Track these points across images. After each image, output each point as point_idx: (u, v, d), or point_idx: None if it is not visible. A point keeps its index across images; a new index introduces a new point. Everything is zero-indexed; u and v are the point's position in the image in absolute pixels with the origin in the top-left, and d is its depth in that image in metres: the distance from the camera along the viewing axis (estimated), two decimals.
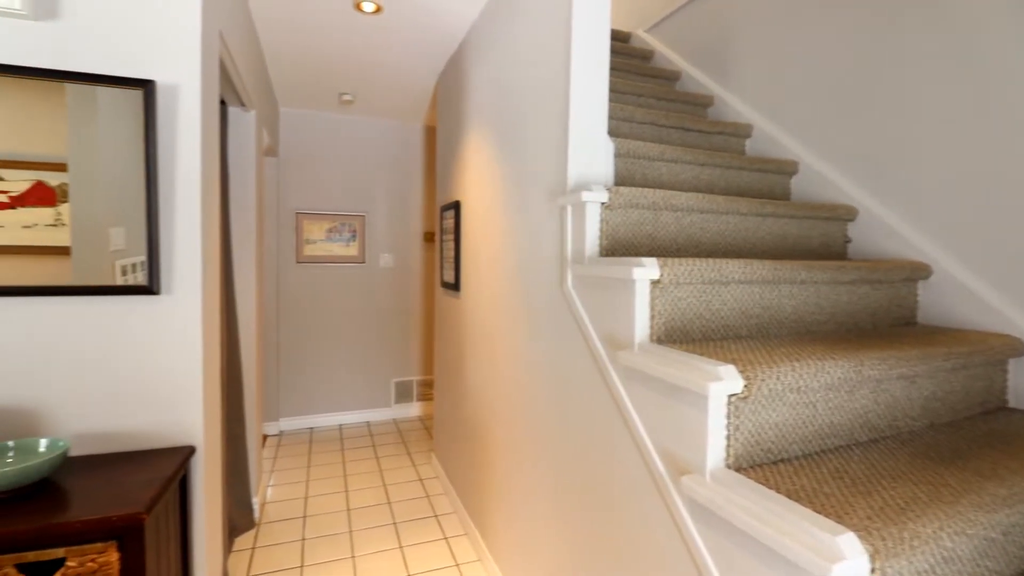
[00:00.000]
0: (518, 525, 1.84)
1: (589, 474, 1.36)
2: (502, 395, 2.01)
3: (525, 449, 1.78)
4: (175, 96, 1.40)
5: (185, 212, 1.40)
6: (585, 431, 1.39)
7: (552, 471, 1.58)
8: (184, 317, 1.38)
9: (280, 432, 3.79)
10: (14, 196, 1.28)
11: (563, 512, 1.51)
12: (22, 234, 1.28)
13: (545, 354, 1.64)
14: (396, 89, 3.42)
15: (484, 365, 2.23)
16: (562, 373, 1.52)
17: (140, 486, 1.12)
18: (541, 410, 1.66)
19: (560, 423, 1.53)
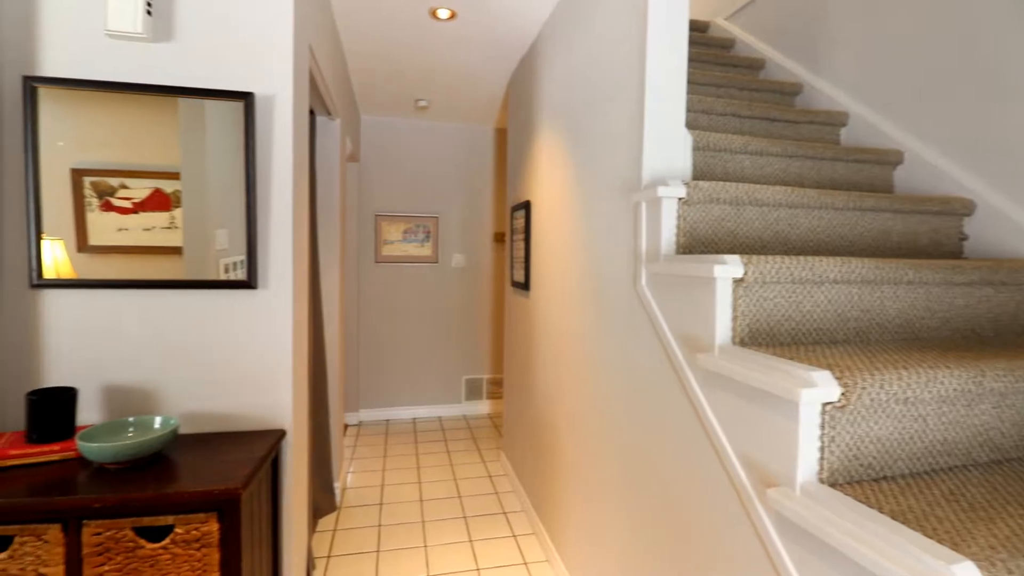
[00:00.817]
0: (587, 527, 1.82)
1: (662, 479, 1.31)
2: (570, 395, 1.99)
3: (594, 450, 1.75)
4: (271, 107, 1.51)
5: (279, 214, 1.51)
6: (658, 434, 1.34)
7: (623, 474, 1.54)
8: (277, 310, 1.50)
9: (359, 422, 4.01)
10: (136, 202, 1.43)
11: (634, 516, 1.46)
12: (143, 236, 1.44)
13: (616, 355, 1.60)
14: (468, 93, 3.49)
15: (553, 364, 2.22)
16: (634, 374, 1.48)
17: (237, 464, 1.22)
18: (611, 411, 1.62)
19: (631, 425, 1.49)
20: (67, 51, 1.40)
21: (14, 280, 1.39)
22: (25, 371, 1.39)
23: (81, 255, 1.41)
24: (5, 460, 1.19)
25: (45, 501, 1.05)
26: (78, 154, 1.38)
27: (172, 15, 1.45)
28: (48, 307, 1.40)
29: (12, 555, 1.05)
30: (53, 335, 1.40)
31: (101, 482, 1.13)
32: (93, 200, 1.41)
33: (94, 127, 1.40)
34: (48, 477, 1.15)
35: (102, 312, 1.43)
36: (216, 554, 1.12)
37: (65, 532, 1.06)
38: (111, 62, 1.43)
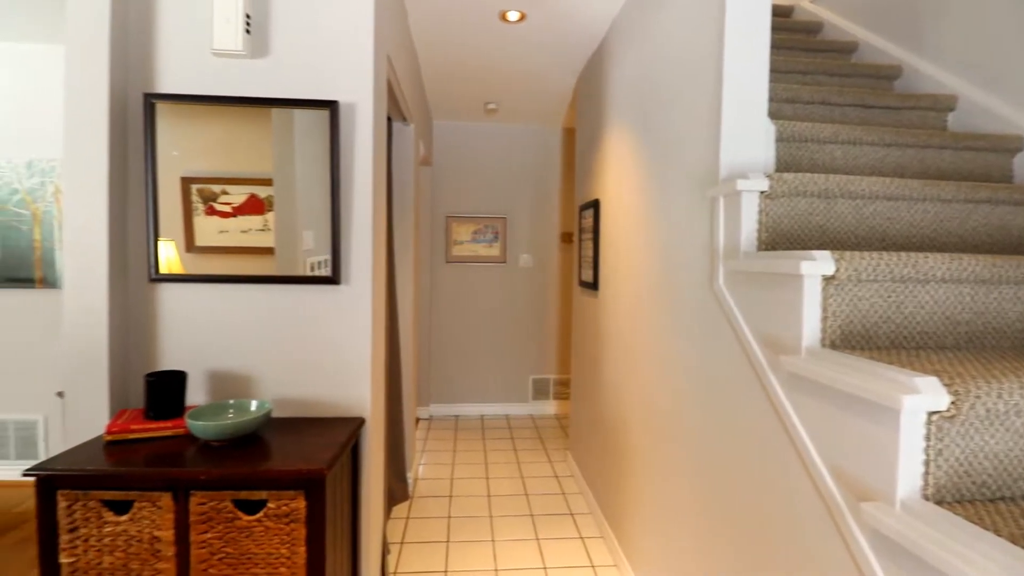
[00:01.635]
0: (658, 534, 1.76)
1: (741, 487, 1.25)
2: (641, 397, 1.94)
3: (666, 455, 1.70)
4: (353, 114, 1.60)
5: (360, 214, 1.60)
6: (736, 439, 1.27)
7: (697, 480, 1.48)
8: (358, 304, 1.58)
9: (430, 416, 4.14)
10: (235, 207, 1.57)
11: (710, 525, 1.40)
12: (240, 237, 1.57)
13: (690, 356, 1.54)
14: (537, 94, 3.51)
15: (622, 365, 2.17)
16: (710, 376, 1.42)
17: (321, 447, 1.31)
18: (685, 415, 1.57)
19: (706, 429, 1.43)
20: (179, 70, 1.57)
21: (137, 275, 1.57)
22: (145, 356, 1.57)
23: (188, 255, 1.56)
24: (128, 433, 1.35)
25: (160, 472, 1.18)
26: (186, 164, 1.54)
27: (267, 33, 1.58)
28: (163, 299, 1.57)
29: (132, 517, 1.19)
30: (167, 324, 1.57)
31: (206, 457, 1.25)
32: (199, 205, 1.55)
33: (200, 139, 1.55)
34: (162, 450, 1.29)
35: (207, 304, 1.58)
36: (303, 530, 1.20)
37: (175, 500, 1.19)
38: (216, 78, 1.58)
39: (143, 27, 1.56)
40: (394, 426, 2.43)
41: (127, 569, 1.19)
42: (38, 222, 2.77)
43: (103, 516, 1.19)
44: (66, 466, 1.18)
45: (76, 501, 1.18)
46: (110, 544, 1.19)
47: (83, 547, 1.19)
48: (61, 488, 1.18)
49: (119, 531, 1.19)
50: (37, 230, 2.77)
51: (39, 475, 1.17)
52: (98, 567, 1.19)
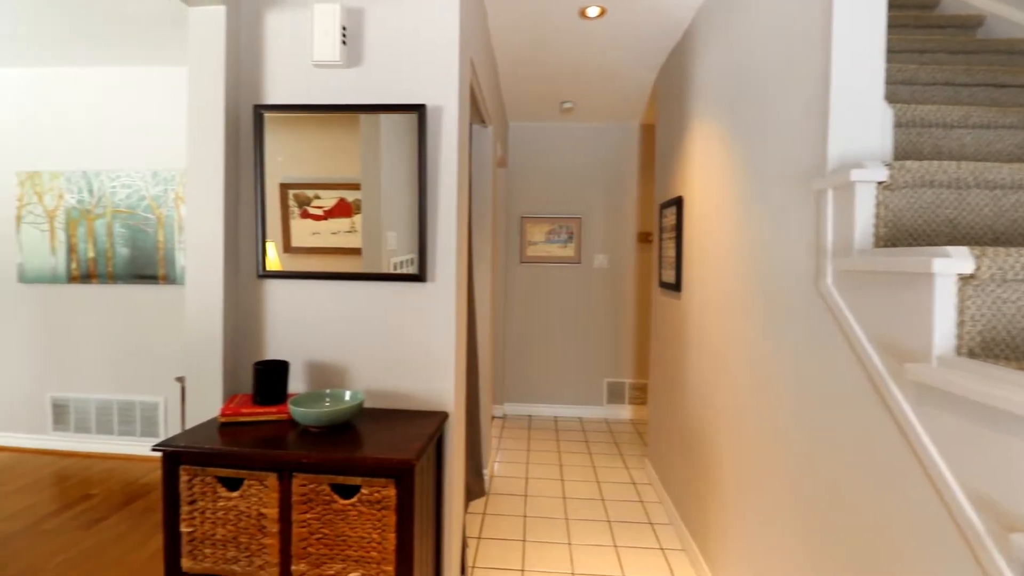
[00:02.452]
0: (749, 554, 1.65)
1: (851, 509, 1.14)
2: (730, 405, 1.83)
3: (759, 469, 1.59)
4: (439, 117, 1.65)
5: (445, 213, 1.64)
6: (845, 455, 1.16)
7: (796, 499, 1.37)
8: (442, 301, 1.62)
9: (504, 415, 4.18)
10: (326, 210, 1.66)
11: (811, 550, 1.29)
12: (331, 239, 1.66)
13: (789, 362, 1.43)
14: (614, 91, 3.44)
15: (708, 372, 2.06)
16: (813, 384, 1.31)
17: (410, 438, 1.35)
18: (782, 426, 1.46)
19: (809, 442, 1.32)
20: (283, 82, 1.69)
21: (246, 272, 1.71)
22: (252, 346, 1.71)
23: (286, 255, 1.68)
24: (239, 416, 1.47)
25: (267, 453, 1.27)
26: (284, 171, 1.66)
27: (361, 43, 1.66)
28: (268, 294, 1.70)
29: (242, 494, 1.29)
30: (271, 317, 1.70)
31: (306, 442, 1.33)
32: (295, 209, 1.67)
33: (296, 148, 1.66)
34: (268, 433, 1.39)
35: (306, 300, 1.69)
36: (393, 517, 1.24)
37: (280, 481, 1.28)
38: (316, 88, 1.68)
39: (253, 44, 1.70)
40: (472, 422, 2.47)
41: (237, 542, 1.29)
42: (162, 225, 3.11)
43: (217, 491, 1.30)
44: (188, 443, 1.31)
45: (195, 476, 1.30)
46: (223, 517, 1.30)
47: (200, 519, 1.31)
48: (183, 464, 1.31)
49: (231, 506, 1.29)
50: (161, 232, 3.12)
51: (165, 450, 1.30)
52: (212, 538, 1.30)
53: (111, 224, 3.13)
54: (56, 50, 2.90)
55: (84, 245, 3.15)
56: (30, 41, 2.78)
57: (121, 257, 3.14)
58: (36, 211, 3.17)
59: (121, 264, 3.14)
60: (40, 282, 3.20)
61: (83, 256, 3.15)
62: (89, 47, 2.85)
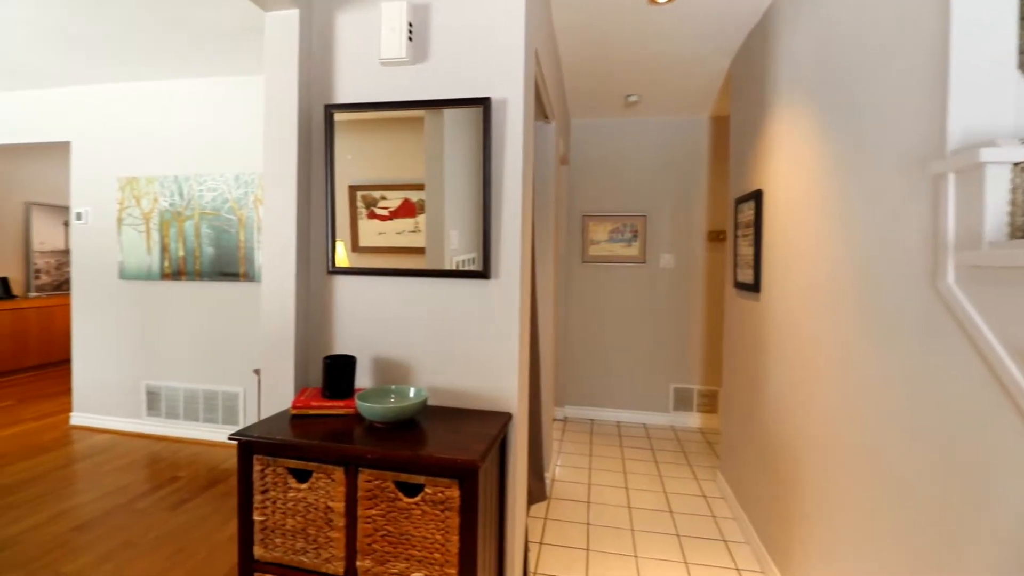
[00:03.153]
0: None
1: (978, 544, 0.97)
2: (821, 419, 1.66)
3: (856, 487, 1.42)
4: (504, 110, 1.61)
5: (510, 209, 1.60)
6: (970, 482, 1.00)
7: (902, 526, 1.20)
8: (506, 299, 1.58)
9: (565, 418, 4.10)
10: (391, 211, 1.68)
11: None
12: (395, 238, 1.68)
13: (897, 371, 1.26)
14: (682, 82, 3.27)
15: (792, 379, 1.89)
16: (929, 397, 1.14)
17: (473, 438, 1.31)
18: (886, 441, 1.29)
19: (920, 460, 1.15)
20: (352, 82, 1.72)
21: (317, 269, 1.76)
22: (321, 340, 1.74)
23: (354, 254, 1.71)
24: (309, 409, 1.50)
25: (335, 447, 1.28)
26: (353, 173, 1.70)
27: (427, 38, 1.66)
28: (337, 290, 1.73)
29: (311, 486, 1.31)
30: (340, 312, 1.73)
31: (371, 437, 1.32)
32: (362, 210, 1.70)
33: (364, 151, 1.69)
34: (335, 427, 1.40)
35: (373, 296, 1.70)
36: (456, 518, 1.21)
37: (347, 475, 1.28)
38: (383, 86, 1.70)
39: (324, 46, 1.74)
40: (535, 424, 2.42)
41: (305, 533, 1.31)
42: (242, 226, 3.30)
43: (288, 482, 1.32)
44: (261, 434, 1.34)
45: (267, 466, 1.33)
46: (292, 508, 1.32)
47: (271, 508, 1.34)
48: (257, 453, 1.34)
49: (300, 497, 1.31)
50: (242, 232, 3.31)
51: (240, 440, 1.34)
52: (282, 528, 1.33)
53: (198, 225, 3.36)
54: (150, 65, 3.15)
55: (175, 245, 3.40)
56: (126, 57, 3.03)
57: (207, 256, 3.36)
58: (134, 214, 3.46)
59: (207, 262, 3.36)
60: (137, 279, 3.49)
61: (174, 255, 3.41)
62: (178, 61, 3.07)
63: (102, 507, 2.48)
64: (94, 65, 3.15)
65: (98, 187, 3.55)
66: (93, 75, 3.35)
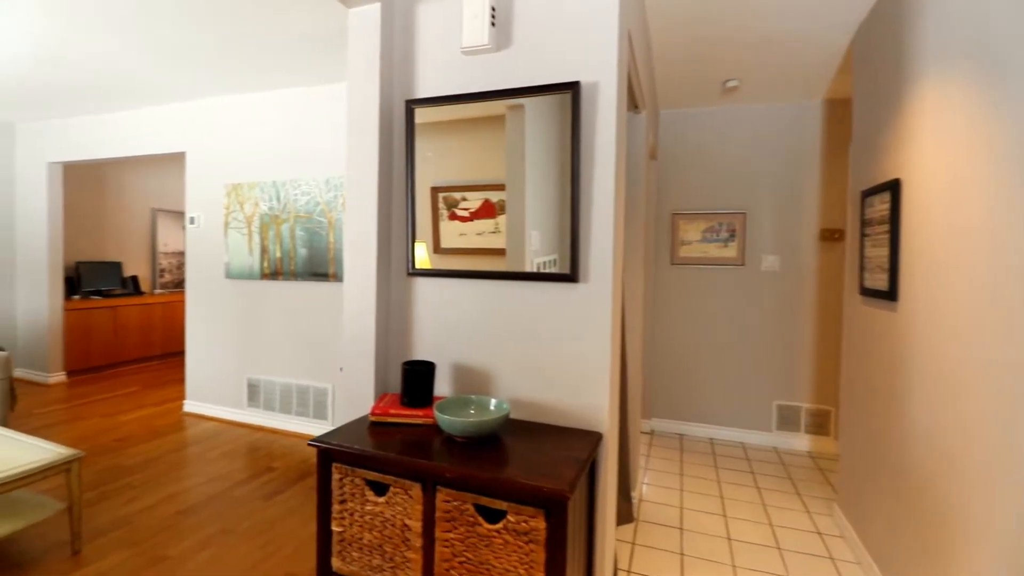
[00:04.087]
0: None
1: None
2: (990, 456, 1.33)
3: None
4: (595, 95, 1.45)
5: (600, 206, 1.44)
6: None
7: None
8: (597, 305, 1.43)
9: (651, 431, 3.84)
10: (472, 212, 1.62)
11: None
12: (476, 239, 1.62)
13: None
14: (791, 63, 2.91)
15: (948, 405, 1.55)
16: None
17: (561, 462, 1.17)
18: None
19: None
20: (434, 74, 1.65)
21: (397, 271, 1.71)
22: (401, 344, 1.69)
23: (436, 255, 1.67)
24: (387, 416, 1.44)
25: (411, 461, 1.20)
26: (435, 175, 1.66)
27: (510, 23, 1.54)
28: (417, 292, 1.67)
29: (388, 501, 1.24)
30: (419, 315, 1.67)
31: (450, 452, 1.23)
32: (444, 211, 1.65)
33: (445, 152, 1.65)
34: (413, 437, 1.33)
35: (452, 299, 1.62)
36: (541, 553, 1.08)
37: (424, 492, 1.19)
38: (464, 78, 1.61)
39: (405, 39, 1.69)
40: (621, 437, 2.23)
41: (382, 550, 1.24)
42: (332, 228, 3.41)
43: (366, 494, 1.26)
44: (340, 442, 1.30)
45: (346, 476, 1.28)
46: (370, 522, 1.26)
47: (349, 520, 1.28)
48: (336, 461, 1.30)
49: (377, 511, 1.25)
50: (331, 234, 3.42)
51: (319, 447, 1.30)
52: (359, 541, 1.27)
53: (293, 227, 3.53)
54: (249, 79, 3.34)
55: (273, 246, 3.59)
56: (229, 73, 3.23)
57: (301, 257, 3.51)
58: (238, 217, 3.70)
59: (300, 263, 3.51)
60: (240, 278, 3.73)
61: (272, 256, 3.60)
62: (274, 72, 3.22)
63: (205, 493, 2.63)
64: (202, 81, 3.41)
65: (208, 193, 3.84)
66: (203, 90, 3.62)
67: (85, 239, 5.30)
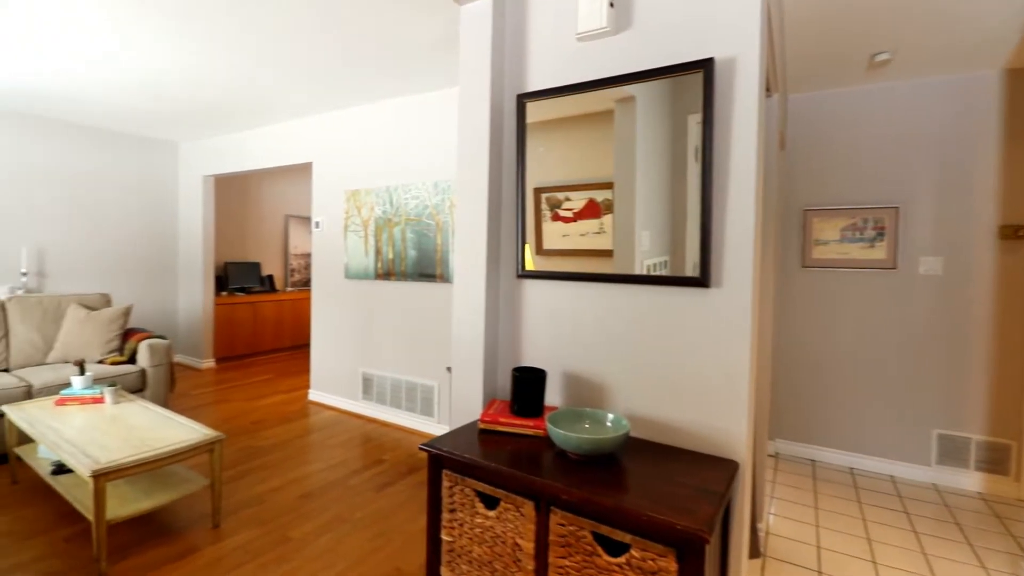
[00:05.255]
0: None
1: None
2: None
3: None
4: (730, 74, 1.27)
5: (738, 201, 1.26)
6: None
7: None
8: (733, 315, 1.25)
9: (776, 453, 3.44)
10: (575, 212, 1.54)
11: None
12: (579, 240, 1.54)
13: None
14: (961, 27, 2.41)
15: None
16: None
17: (693, 494, 1.03)
18: None
19: None
20: (547, 64, 1.57)
21: (506, 273, 1.65)
22: (509, 348, 1.63)
23: (539, 257, 1.62)
24: (498, 425, 1.38)
25: (524, 477, 1.12)
26: (538, 176, 1.61)
27: (630, 1, 1.41)
28: (526, 296, 1.60)
29: (499, 516, 1.17)
30: (528, 319, 1.59)
31: (564, 470, 1.13)
32: (547, 212, 1.59)
33: (549, 153, 1.59)
34: (524, 449, 1.25)
35: (564, 303, 1.53)
36: None
37: (537, 511, 1.11)
38: (579, 66, 1.51)
39: (517, 31, 1.62)
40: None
41: (492, 567, 1.18)
42: (439, 230, 3.49)
43: (475, 506, 1.21)
44: (450, 449, 1.26)
45: (456, 484, 1.24)
46: (480, 536, 1.20)
47: (458, 530, 1.24)
48: (445, 468, 1.26)
49: (487, 525, 1.19)
50: (439, 236, 3.50)
51: (430, 452, 1.28)
52: (469, 554, 1.22)
53: (404, 230, 3.67)
54: (366, 91, 3.53)
55: (386, 248, 3.77)
56: (348, 86, 3.43)
57: (410, 258, 3.64)
58: (356, 221, 3.94)
59: (410, 264, 3.65)
60: (357, 278, 3.96)
61: (385, 257, 3.78)
62: (390, 81, 3.36)
63: (324, 479, 2.80)
64: (325, 96, 3.66)
65: (330, 199, 4.14)
66: (326, 105, 3.91)
67: (231, 242, 6.01)
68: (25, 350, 3.29)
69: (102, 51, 2.97)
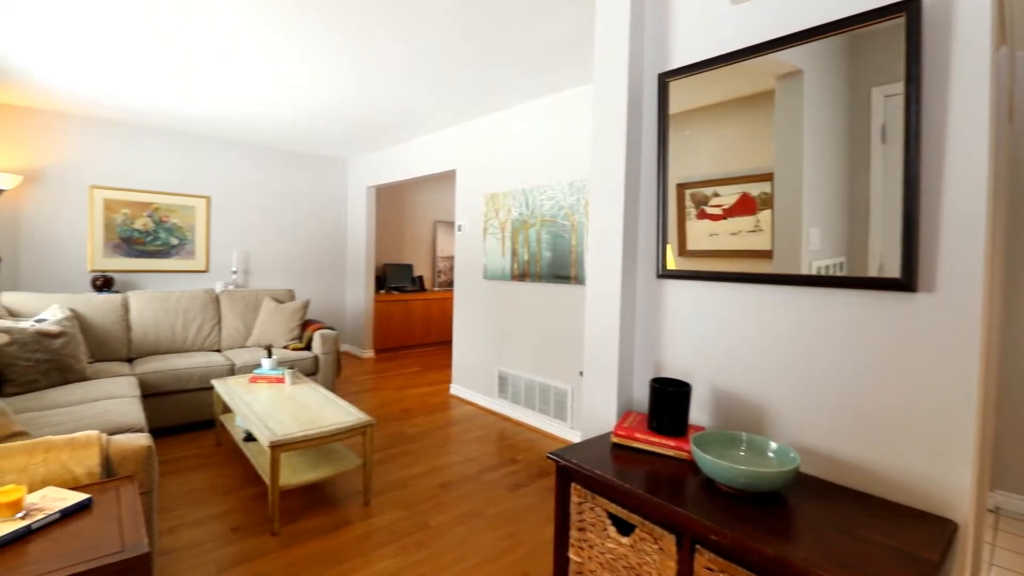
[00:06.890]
0: None
1: None
2: None
3: None
4: (946, 17, 0.99)
5: (960, 182, 0.97)
6: None
7: None
8: (953, 326, 0.96)
9: (996, 508, 2.72)
10: (725, 208, 1.37)
11: None
12: (729, 240, 1.36)
13: None
14: None
15: None
16: None
17: (888, 557, 0.80)
18: None
19: None
20: (692, 37, 1.39)
21: (645, 271, 1.51)
22: (648, 357, 1.49)
23: (681, 258, 1.46)
24: (633, 441, 1.25)
25: (665, 507, 0.99)
26: (681, 171, 1.46)
27: None
28: (667, 298, 1.45)
29: (633, 544, 1.05)
30: (669, 327, 1.44)
31: (713, 503, 0.98)
32: (691, 210, 1.45)
33: (694, 145, 1.44)
34: (663, 471, 1.11)
35: (709, 309, 1.34)
36: None
37: (679, 548, 0.97)
38: (732, 31, 1.31)
39: (659, 10, 1.47)
40: None
41: None
42: (574, 231, 3.42)
43: (607, 529, 1.10)
44: (579, 461, 1.17)
45: (585, 501, 1.15)
46: (611, 564, 1.09)
47: (588, 552, 1.15)
48: (575, 482, 1.18)
49: (620, 553, 1.08)
50: (573, 237, 3.43)
51: (558, 462, 1.20)
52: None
53: (539, 231, 3.67)
54: (503, 97, 3.59)
55: (522, 249, 3.81)
56: (487, 93, 3.52)
57: (545, 259, 3.63)
58: (494, 224, 4.05)
59: (545, 265, 3.63)
60: (495, 279, 4.07)
61: (520, 258, 3.82)
62: (525, 80, 3.38)
63: (461, 472, 2.91)
64: (466, 105, 3.82)
65: (471, 203, 4.32)
66: (468, 114, 4.09)
67: (388, 245, 6.66)
68: (232, 334, 3.98)
69: (295, 84, 3.46)
